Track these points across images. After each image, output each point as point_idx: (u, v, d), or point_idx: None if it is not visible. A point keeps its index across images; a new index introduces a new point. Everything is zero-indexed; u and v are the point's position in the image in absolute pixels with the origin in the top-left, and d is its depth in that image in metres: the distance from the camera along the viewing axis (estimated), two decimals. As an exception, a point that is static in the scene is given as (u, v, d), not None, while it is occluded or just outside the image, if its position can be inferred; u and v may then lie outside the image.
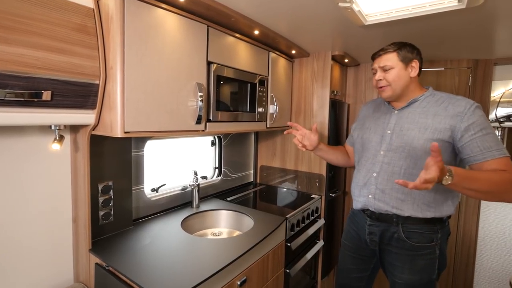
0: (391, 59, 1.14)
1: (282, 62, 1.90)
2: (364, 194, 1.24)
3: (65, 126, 1.07)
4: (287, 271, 1.53)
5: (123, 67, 0.95)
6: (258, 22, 1.37)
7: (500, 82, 1.99)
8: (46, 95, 0.87)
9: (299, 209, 1.69)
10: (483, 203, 2.04)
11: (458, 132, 1.03)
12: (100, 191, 1.21)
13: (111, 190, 1.25)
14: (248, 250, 1.16)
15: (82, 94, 0.98)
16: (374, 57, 1.21)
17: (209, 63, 1.32)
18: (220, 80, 1.38)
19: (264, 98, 1.72)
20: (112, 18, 0.94)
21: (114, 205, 1.26)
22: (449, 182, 0.87)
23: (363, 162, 1.28)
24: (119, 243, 1.18)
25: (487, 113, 2.00)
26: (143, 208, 1.45)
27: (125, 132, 0.98)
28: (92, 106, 1.01)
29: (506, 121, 2.00)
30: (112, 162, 1.25)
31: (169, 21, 1.11)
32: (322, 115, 1.95)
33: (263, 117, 1.74)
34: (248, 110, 1.60)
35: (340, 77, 2.17)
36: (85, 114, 1.01)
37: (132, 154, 1.36)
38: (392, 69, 1.14)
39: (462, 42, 1.61)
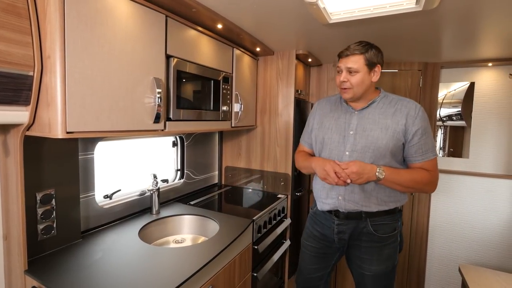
0: (357, 61, 1.14)
1: (246, 59, 1.85)
2: (333, 196, 1.23)
3: (-11, 125, 0.89)
4: (255, 274, 1.49)
5: (64, 57, 0.81)
6: (221, 15, 1.30)
7: (442, 85, 2.17)
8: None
9: (265, 210, 1.65)
10: (433, 196, 2.21)
11: (410, 134, 1.15)
12: (38, 202, 1.04)
13: (53, 200, 1.08)
14: (213, 258, 1.09)
15: (12, 88, 0.82)
16: (341, 56, 1.19)
17: (168, 57, 1.21)
18: (181, 76, 1.28)
19: (228, 96, 1.65)
20: (49, -1, 0.80)
21: (57, 216, 1.10)
22: (382, 177, 1.10)
23: None
24: (63, 260, 1.02)
25: (434, 113, 2.17)
26: (94, 217, 1.29)
27: (68, 133, 0.84)
28: (25, 102, 0.86)
29: (448, 120, 2.20)
30: (53, 168, 1.08)
31: (120, 7, 0.98)
32: (287, 114, 1.94)
33: (227, 116, 1.67)
34: (212, 108, 1.52)
35: (304, 76, 2.18)
36: (17, 112, 0.85)
37: (80, 157, 1.20)
38: (358, 73, 1.15)
39: (415, 45, 1.71)
